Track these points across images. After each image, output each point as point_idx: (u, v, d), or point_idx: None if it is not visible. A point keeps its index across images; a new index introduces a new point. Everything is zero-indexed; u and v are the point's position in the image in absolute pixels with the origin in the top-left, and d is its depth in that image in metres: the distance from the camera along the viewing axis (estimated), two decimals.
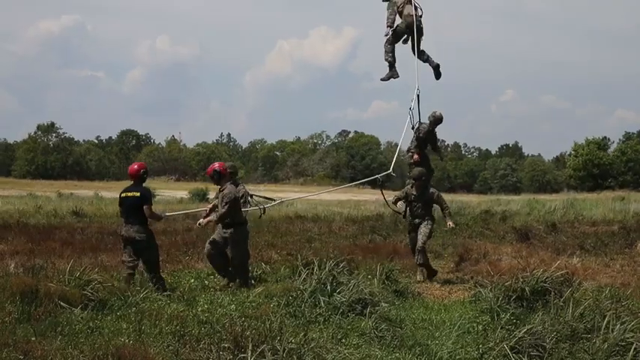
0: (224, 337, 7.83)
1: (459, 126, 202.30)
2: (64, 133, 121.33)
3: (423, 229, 13.71)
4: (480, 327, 9.06)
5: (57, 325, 8.50)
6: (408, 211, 14.03)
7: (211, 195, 53.00)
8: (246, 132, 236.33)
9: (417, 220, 13.88)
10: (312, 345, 7.54)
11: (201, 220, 12.36)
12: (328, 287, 10.35)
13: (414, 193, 13.90)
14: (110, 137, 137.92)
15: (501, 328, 8.50)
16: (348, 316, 9.63)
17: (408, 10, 14.50)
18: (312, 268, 10.99)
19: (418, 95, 14.62)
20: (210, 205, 13.02)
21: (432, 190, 14.01)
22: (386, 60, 14.69)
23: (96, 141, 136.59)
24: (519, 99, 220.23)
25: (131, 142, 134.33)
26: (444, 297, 12.20)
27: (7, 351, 7.18)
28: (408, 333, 9.01)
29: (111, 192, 52.40)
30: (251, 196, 13.29)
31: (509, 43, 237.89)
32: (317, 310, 9.74)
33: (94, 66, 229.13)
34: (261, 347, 7.12)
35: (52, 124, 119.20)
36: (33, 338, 7.80)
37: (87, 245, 16.56)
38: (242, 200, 12.48)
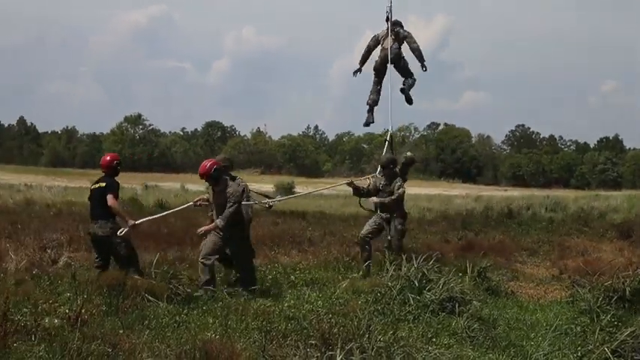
0: (311, 333, 7.88)
1: (555, 118, 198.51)
2: (150, 124, 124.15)
3: (394, 231, 13.16)
4: (579, 328, 8.89)
5: (144, 319, 8.73)
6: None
7: (298, 188, 53.38)
8: (333, 124, 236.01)
9: (383, 215, 13.25)
10: (401, 344, 7.52)
11: (201, 228, 11.31)
12: (417, 284, 10.31)
13: (383, 182, 13.36)
14: (195, 129, 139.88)
15: (601, 330, 8.32)
16: (438, 314, 9.56)
17: (385, 43, 14.47)
18: (400, 265, 10.96)
19: (389, 142, 14.67)
20: (196, 201, 11.97)
21: (399, 182, 13.28)
22: (367, 103, 14.94)
23: (181, 133, 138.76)
24: (620, 90, 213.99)
25: (216, 134, 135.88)
26: (539, 296, 11.99)
27: (96, 343, 7.35)
28: (502, 333, 8.89)
29: (196, 184, 53.26)
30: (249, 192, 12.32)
31: (612, 32, 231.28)
32: (406, 307, 9.71)
33: (180, 57, 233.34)
34: (349, 345, 7.13)
35: (139, 116, 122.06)
36: (121, 331, 7.99)
37: (172, 238, 16.83)
38: (244, 196, 11.66)
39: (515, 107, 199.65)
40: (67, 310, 8.79)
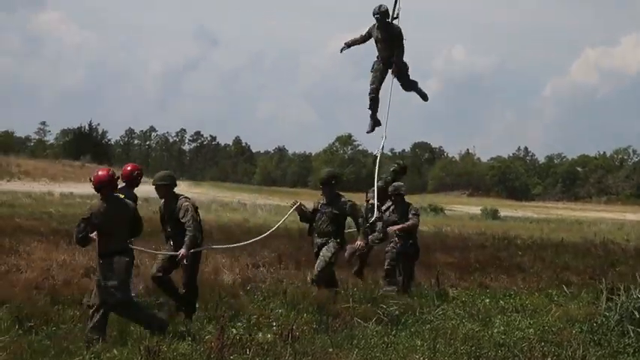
0: None
1: None
2: (359, 144, 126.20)
3: (324, 252, 10.73)
4: None
5: (353, 338, 8.81)
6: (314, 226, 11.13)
7: (504, 212, 52.35)
8: (544, 145, 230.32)
9: (319, 240, 10.92)
10: None
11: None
12: (638, 315, 9.81)
13: (322, 202, 11.13)
14: (403, 149, 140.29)
15: None
16: None
17: None
18: (618, 294, 10.47)
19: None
20: None
21: (344, 198, 11.04)
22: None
23: (390, 154, 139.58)
24: None
25: (424, 155, 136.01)
26: None
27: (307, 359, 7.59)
28: None
29: None
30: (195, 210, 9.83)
31: None
32: (625, 340, 9.25)
33: None
34: None
35: (350, 136, 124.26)
36: (330, 349, 8.14)
37: (376, 260, 16.95)
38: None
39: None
40: (279, 326, 9.08)
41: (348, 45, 12.99)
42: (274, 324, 9.31)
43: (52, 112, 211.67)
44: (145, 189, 11.46)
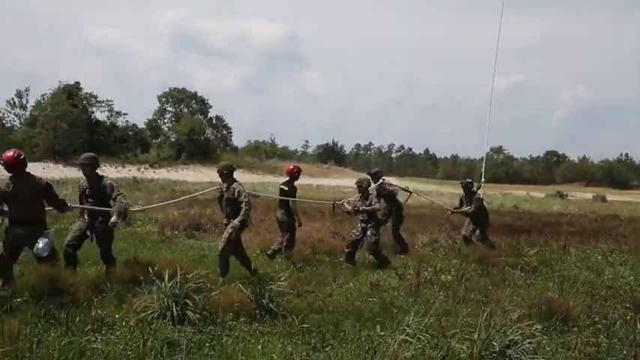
0: (625, 299, 7.37)
1: None
2: (507, 152, 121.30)
3: (225, 234, 8.09)
4: None
5: (505, 280, 8.70)
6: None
7: (610, 197, 47.84)
8: None
9: (225, 220, 8.34)
10: None
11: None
12: None
13: (224, 189, 8.36)
14: (538, 155, 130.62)
15: None
16: None
17: None
18: None
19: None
20: None
21: (234, 185, 8.11)
22: None
23: (529, 158, 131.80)
24: None
25: (553, 159, 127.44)
26: None
27: (475, 293, 7.60)
28: None
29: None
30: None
31: None
32: None
33: None
34: None
35: (500, 147, 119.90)
36: (490, 287, 8.11)
37: (523, 228, 16.36)
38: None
39: None
40: (455, 271, 9.10)
41: None
42: (452, 270, 9.29)
43: (313, 134, 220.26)
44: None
